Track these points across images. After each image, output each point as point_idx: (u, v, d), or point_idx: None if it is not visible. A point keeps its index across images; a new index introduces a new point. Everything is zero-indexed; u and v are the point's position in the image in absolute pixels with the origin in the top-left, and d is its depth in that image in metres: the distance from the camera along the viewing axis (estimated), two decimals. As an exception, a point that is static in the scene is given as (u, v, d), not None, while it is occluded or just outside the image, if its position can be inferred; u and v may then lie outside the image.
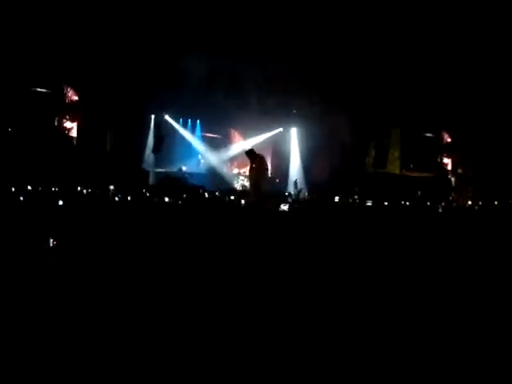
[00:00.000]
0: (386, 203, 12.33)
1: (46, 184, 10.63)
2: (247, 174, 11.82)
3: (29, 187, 10.03)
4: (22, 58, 12.15)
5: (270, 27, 13.35)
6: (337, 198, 13.02)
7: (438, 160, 16.80)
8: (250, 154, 7.75)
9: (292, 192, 16.62)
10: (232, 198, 11.54)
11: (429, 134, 16.35)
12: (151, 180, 16.93)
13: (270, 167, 8.61)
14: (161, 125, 18.59)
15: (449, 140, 16.79)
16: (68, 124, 14.75)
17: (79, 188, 11.47)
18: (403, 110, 15.72)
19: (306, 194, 14.38)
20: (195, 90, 16.64)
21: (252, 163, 7.64)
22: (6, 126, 12.01)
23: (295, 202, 11.12)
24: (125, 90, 14.55)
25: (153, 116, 18.67)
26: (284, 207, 6.72)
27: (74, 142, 14.80)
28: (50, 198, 8.04)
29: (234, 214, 7.14)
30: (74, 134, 14.87)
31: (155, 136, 17.41)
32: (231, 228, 5.81)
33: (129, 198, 11.17)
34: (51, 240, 4.45)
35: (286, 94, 17.11)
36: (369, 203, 12.50)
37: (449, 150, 16.99)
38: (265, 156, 21.57)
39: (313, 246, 5.31)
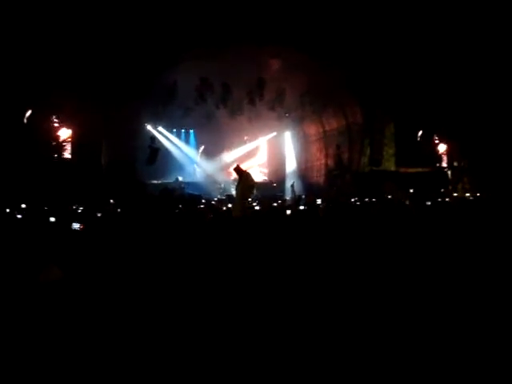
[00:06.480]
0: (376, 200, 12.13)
1: (45, 201, 10.53)
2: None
3: (23, 205, 9.87)
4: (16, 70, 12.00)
5: (256, 31, 13.30)
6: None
7: (434, 154, 16.81)
8: (236, 170, 8.07)
9: (289, 196, 16.60)
10: (230, 205, 11.48)
11: (423, 129, 16.32)
12: (148, 192, 16.92)
13: (255, 181, 8.90)
14: (155, 137, 18.67)
15: (443, 133, 16.79)
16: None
17: (77, 205, 11.40)
18: (396, 105, 15.70)
19: (303, 196, 14.33)
20: (186, 101, 16.73)
21: (239, 178, 7.89)
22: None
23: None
24: (118, 104, 14.56)
25: (147, 128, 18.74)
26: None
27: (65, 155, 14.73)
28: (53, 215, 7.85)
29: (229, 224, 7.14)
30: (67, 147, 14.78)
31: (150, 148, 17.41)
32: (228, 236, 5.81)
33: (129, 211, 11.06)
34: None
35: (277, 97, 17.15)
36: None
37: (444, 144, 17.02)
38: (262, 161, 21.54)
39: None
